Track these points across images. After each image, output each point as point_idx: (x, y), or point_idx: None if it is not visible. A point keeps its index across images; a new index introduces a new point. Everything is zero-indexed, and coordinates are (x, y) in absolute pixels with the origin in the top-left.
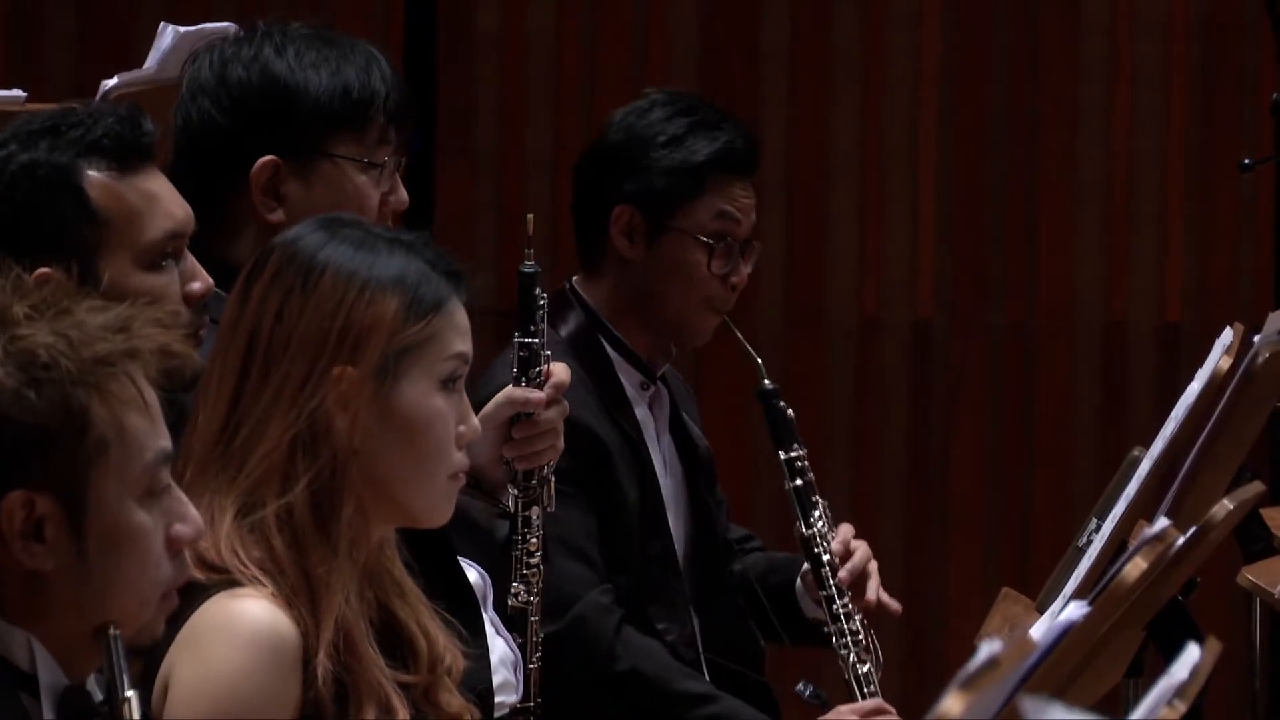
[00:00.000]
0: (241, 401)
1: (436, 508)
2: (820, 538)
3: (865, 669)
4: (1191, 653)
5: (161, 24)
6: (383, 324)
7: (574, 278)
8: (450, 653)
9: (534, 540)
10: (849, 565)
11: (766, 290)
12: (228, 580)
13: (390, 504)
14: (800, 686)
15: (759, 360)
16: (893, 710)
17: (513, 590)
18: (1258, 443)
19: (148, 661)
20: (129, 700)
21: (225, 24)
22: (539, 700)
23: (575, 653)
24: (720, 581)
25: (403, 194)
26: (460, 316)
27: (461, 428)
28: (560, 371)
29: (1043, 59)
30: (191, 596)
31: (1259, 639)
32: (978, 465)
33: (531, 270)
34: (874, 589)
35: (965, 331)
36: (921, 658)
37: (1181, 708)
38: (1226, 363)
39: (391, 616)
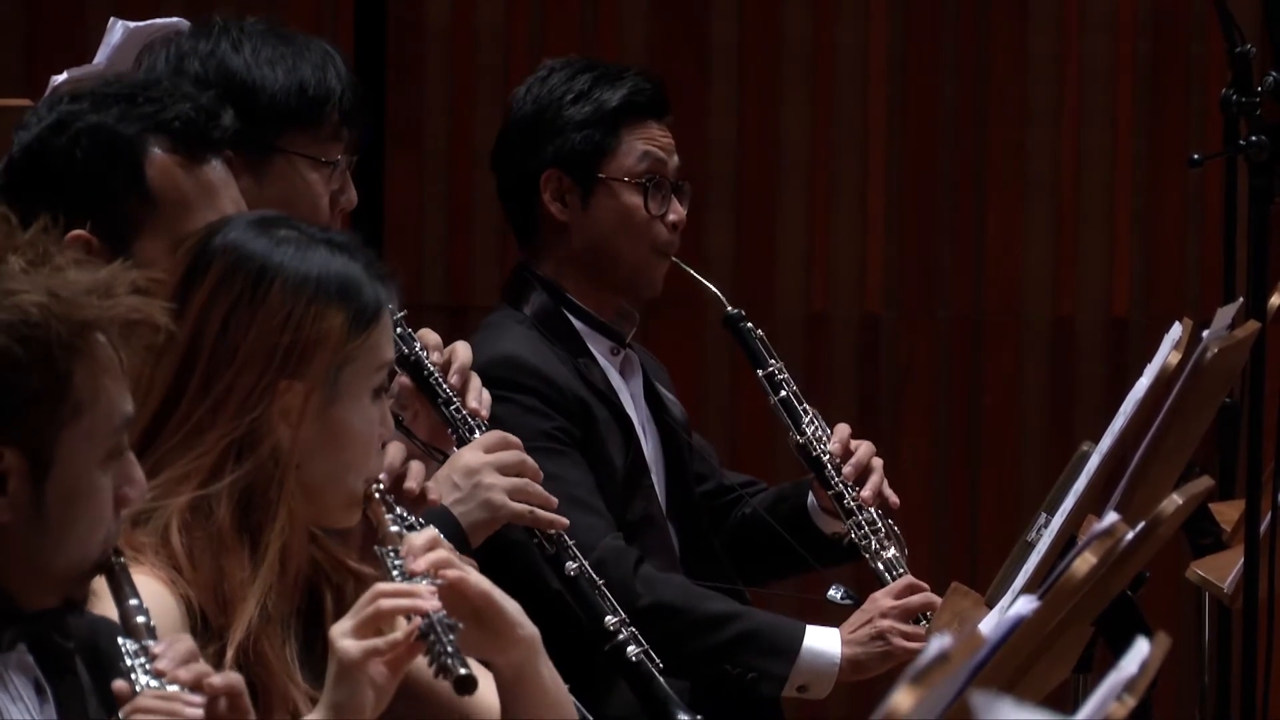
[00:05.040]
0: (177, 409)
1: (352, 511)
2: (816, 441)
3: (890, 554)
4: (1140, 647)
5: (111, 19)
6: (329, 339)
7: (521, 261)
8: None
9: None
10: (853, 460)
11: (715, 284)
12: None
13: (310, 509)
14: (831, 592)
15: (716, 290)
16: (925, 585)
17: None
18: (1206, 437)
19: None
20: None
21: (175, 19)
22: None
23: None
24: (701, 540)
25: (352, 194)
26: (389, 322)
27: (382, 430)
28: (463, 353)
29: (991, 55)
30: None
31: (1208, 633)
32: (926, 460)
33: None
34: (872, 485)
35: (913, 327)
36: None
37: (1131, 702)
38: (1175, 358)
39: (318, 636)
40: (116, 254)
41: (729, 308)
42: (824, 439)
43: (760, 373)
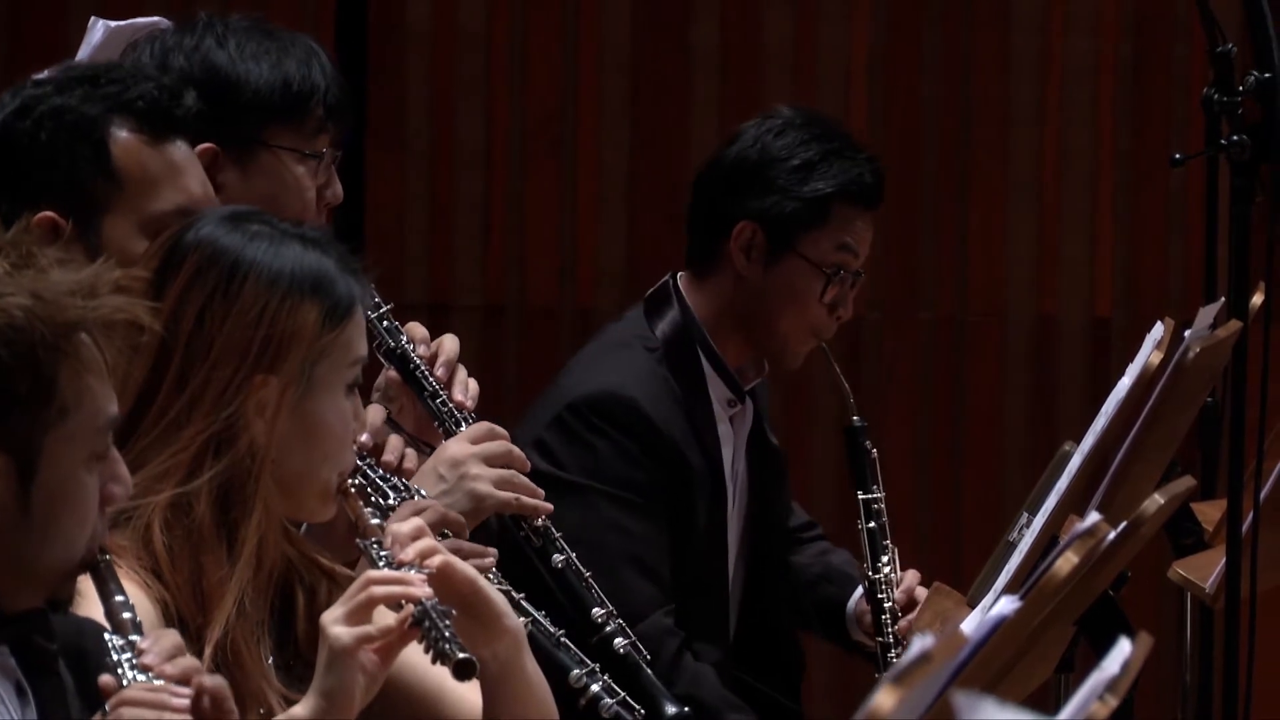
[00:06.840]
0: (152, 405)
1: (326, 505)
2: (886, 584)
3: None
4: (1122, 647)
5: (92, 18)
6: (304, 333)
7: (679, 274)
8: None
9: None
10: (910, 617)
11: None
12: None
13: (284, 503)
14: None
15: (849, 394)
16: None
17: None
18: (1188, 437)
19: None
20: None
21: (156, 18)
22: None
23: None
24: (761, 613)
25: (338, 188)
26: (361, 317)
27: (354, 424)
28: (450, 346)
29: (973, 55)
30: None
31: (1189, 633)
32: (908, 460)
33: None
34: None
35: (896, 327)
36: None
37: (1113, 702)
38: (1157, 357)
39: (290, 637)
40: (84, 235)
41: (855, 418)
42: (894, 583)
43: (860, 495)
